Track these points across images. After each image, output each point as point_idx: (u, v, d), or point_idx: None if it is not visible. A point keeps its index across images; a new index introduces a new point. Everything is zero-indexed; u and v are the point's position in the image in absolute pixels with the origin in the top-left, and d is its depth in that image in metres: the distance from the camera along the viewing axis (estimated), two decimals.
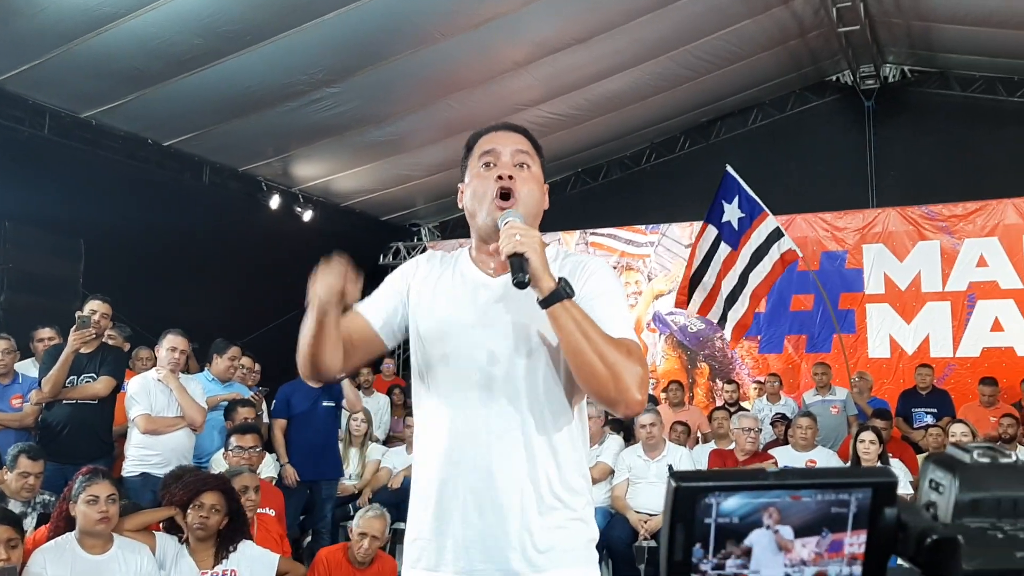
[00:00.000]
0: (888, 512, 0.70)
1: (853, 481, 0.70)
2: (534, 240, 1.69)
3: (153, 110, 7.69)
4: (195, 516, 3.69)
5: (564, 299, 1.67)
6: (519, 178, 1.87)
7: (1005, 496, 0.70)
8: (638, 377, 1.67)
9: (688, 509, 0.68)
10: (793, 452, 6.52)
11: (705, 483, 0.68)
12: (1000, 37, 8.97)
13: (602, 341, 1.66)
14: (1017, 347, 9.25)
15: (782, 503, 0.69)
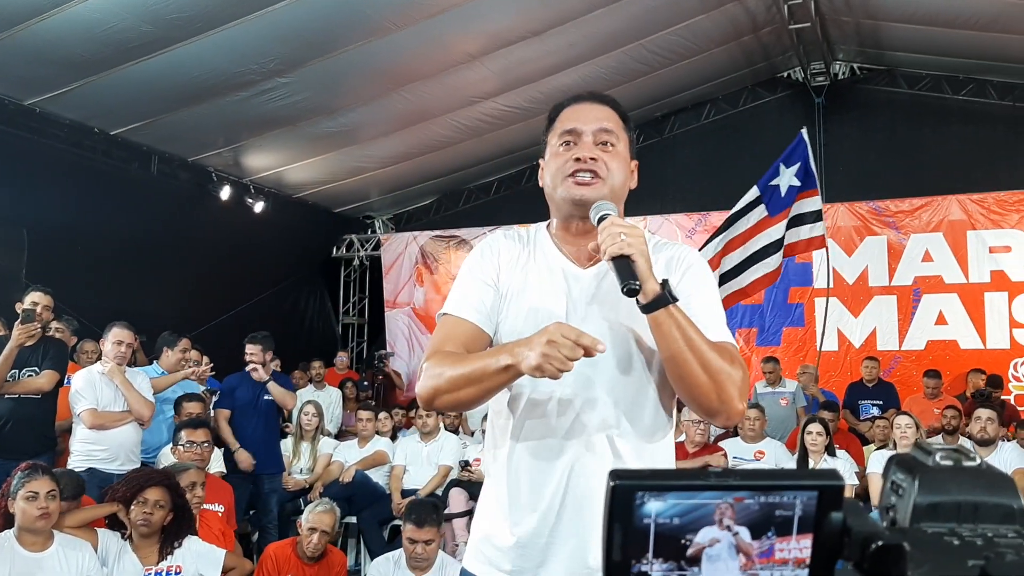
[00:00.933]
0: (834, 516, 0.68)
1: (798, 483, 0.67)
2: (640, 240, 1.55)
3: (99, 98, 7.54)
4: (138, 512, 3.63)
5: (669, 304, 1.53)
6: (604, 158, 1.71)
7: (966, 500, 0.68)
8: (741, 385, 1.57)
9: (625, 509, 0.66)
10: (742, 444, 6.61)
11: (642, 482, 0.66)
12: (947, 36, 9.15)
13: (706, 348, 1.54)
14: (960, 340, 9.46)
15: (725, 506, 0.66)
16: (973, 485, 0.69)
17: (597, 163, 1.69)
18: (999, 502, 0.69)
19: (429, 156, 10.43)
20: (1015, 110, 10.05)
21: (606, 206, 1.65)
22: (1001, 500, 0.69)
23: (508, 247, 1.82)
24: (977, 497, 0.69)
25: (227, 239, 9.77)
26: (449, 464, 6.58)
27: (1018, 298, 9.30)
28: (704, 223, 10.53)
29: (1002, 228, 9.44)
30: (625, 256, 1.52)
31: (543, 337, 1.45)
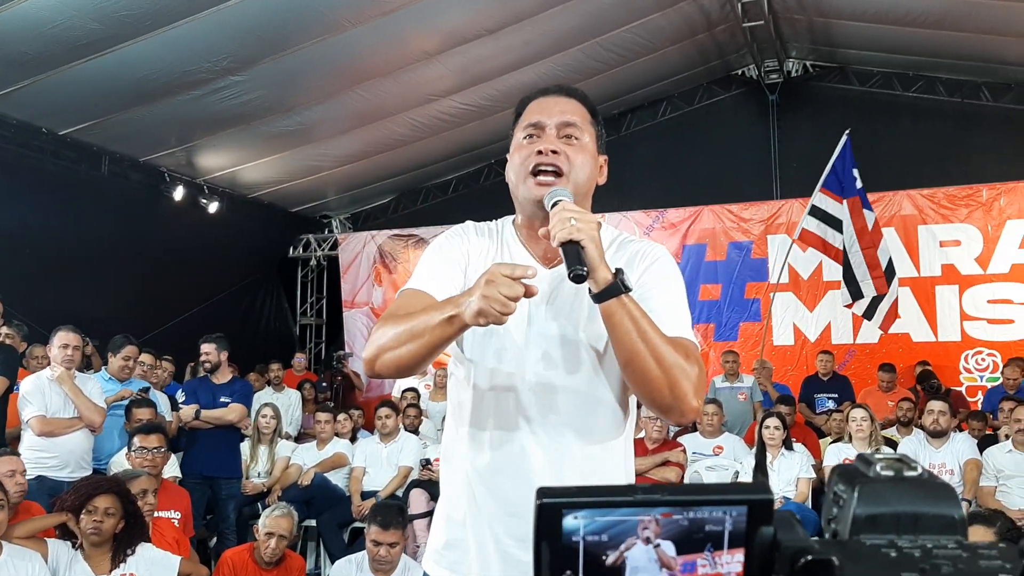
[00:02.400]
0: (764, 531, 0.67)
1: (727, 498, 0.67)
2: (591, 226, 1.50)
3: (47, 97, 7.38)
4: (88, 521, 3.55)
5: (621, 294, 1.49)
6: (567, 151, 1.67)
7: (906, 512, 0.68)
8: (696, 382, 1.52)
9: (553, 527, 0.64)
10: (701, 439, 6.66)
11: (569, 499, 0.65)
12: (896, 34, 9.30)
13: (660, 341, 1.50)
14: (913, 333, 9.61)
15: (655, 521, 0.66)
16: (914, 496, 0.69)
17: (559, 156, 1.66)
18: (940, 512, 0.68)
19: (386, 155, 10.37)
20: (963, 106, 10.25)
21: (560, 192, 1.61)
22: (942, 510, 0.69)
23: (477, 239, 1.80)
24: (917, 508, 0.68)
25: (181, 240, 9.62)
26: (409, 465, 6.54)
27: (968, 291, 9.48)
28: (662, 220, 10.60)
29: (952, 223, 9.61)
30: (575, 242, 1.48)
31: (483, 279, 1.43)
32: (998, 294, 9.39)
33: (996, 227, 9.44)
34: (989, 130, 10.20)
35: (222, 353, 6.14)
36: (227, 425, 6.04)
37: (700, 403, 1.55)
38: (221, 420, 5.94)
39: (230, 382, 6.16)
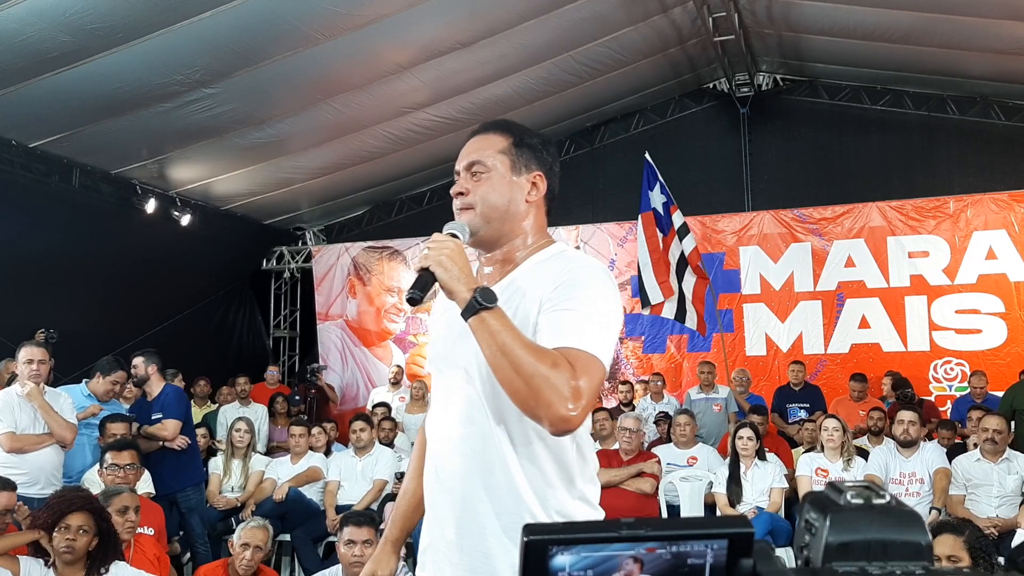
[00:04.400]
0: (744, 563, 0.69)
1: (710, 532, 0.69)
2: (439, 252, 1.66)
3: (17, 110, 7.30)
4: (61, 539, 3.50)
5: (478, 312, 1.59)
6: (471, 187, 1.84)
7: (875, 539, 0.70)
8: (563, 389, 1.54)
9: (539, 564, 0.66)
10: (676, 450, 6.71)
11: (555, 536, 0.66)
12: (864, 48, 9.44)
13: (522, 353, 1.56)
14: (883, 343, 9.74)
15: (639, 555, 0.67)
16: (883, 524, 0.71)
17: (465, 196, 1.84)
18: (908, 539, 0.71)
19: (360, 167, 10.36)
20: (930, 120, 10.41)
21: (451, 226, 1.80)
22: (909, 537, 0.71)
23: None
24: (886, 535, 0.71)
25: (153, 253, 9.54)
26: (384, 478, 6.52)
27: (936, 301, 9.62)
28: (635, 231, 10.64)
29: (920, 234, 9.76)
30: (425, 268, 1.66)
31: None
32: (966, 304, 9.54)
33: (963, 238, 9.60)
34: (955, 143, 10.38)
35: (150, 367, 6.00)
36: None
37: (576, 412, 1.55)
38: (157, 437, 5.84)
39: (159, 395, 6.01)
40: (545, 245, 1.88)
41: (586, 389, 1.57)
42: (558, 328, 1.64)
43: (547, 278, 1.74)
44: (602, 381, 1.67)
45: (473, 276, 1.68)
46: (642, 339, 10.57)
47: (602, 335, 1.66)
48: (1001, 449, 5.67)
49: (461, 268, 1.65)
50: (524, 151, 1.89)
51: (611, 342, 1.69)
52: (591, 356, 1.61)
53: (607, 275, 1.81)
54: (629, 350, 10.64)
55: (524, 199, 1.87)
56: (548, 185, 1.91)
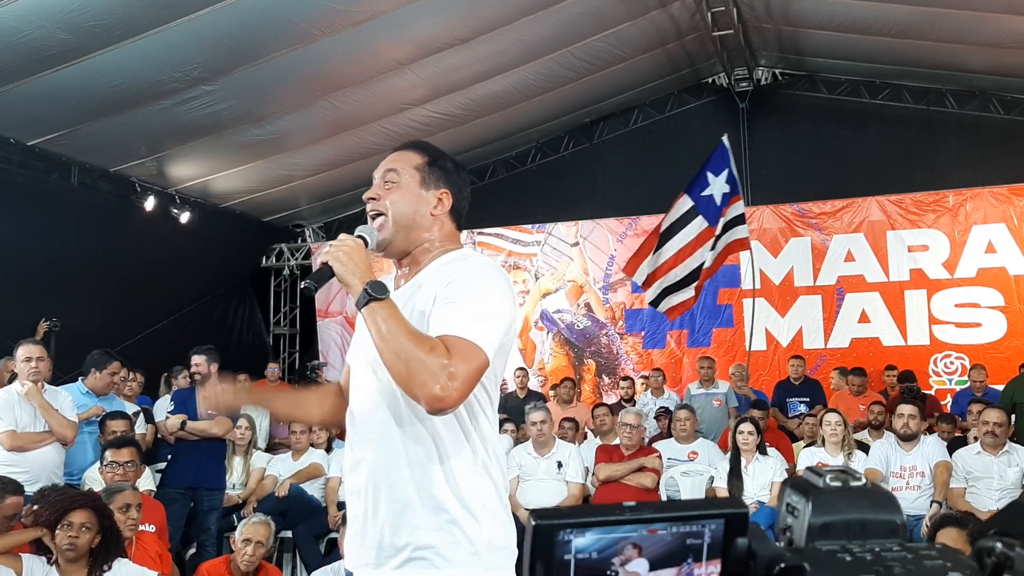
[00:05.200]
0: (739, 542, 0.73)
1: (706, 513, 0.72)
2: (339, 249, 1.85)
3: (16, 108, 7.29)
4: (63, 536, 3.50)
5: (368, 302, 1.77)
6: (382, 194, 2.02)
7: (854, 519, 0.75)
8: (436, 371, 1.68)
9: (546, 547, 0.69)
10: (676, 444, 6.71)
11: (562, 520, 0.69)
12: (863, 43, 9.44)
13: (403, 338, 1.72)
14: (883, 337, 9.74)
15: (639, 537, 0.70)
16: (860, 504, 0.76)
17: (376, 201, 2.03)
18: (884, 519, 0.76)
19: (359, 163, 10.33)
20: (929, 114, 10.41)
21: (361, 229, 1.99)
22: (885, 517, 0.76)
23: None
24: (864, 515, 0.75)
25: (152, 250, 9.54)
26: None
27: (936, 295, 9.62)
28: (635, 227, 10.67)
29: (919, 228, 9.76)
30: (326, 263, 1.86)
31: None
32: (965, 298, 9.54)
33: (963, 232, 9.60)
34: (954, 137, 10.38)
35: (212, 365, 6.08)
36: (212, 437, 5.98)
37: (451, 393, 1.69)
38: (206, 433, 5.89)
39: None
40: (451, 250, 2.03)
41: (461, 372, 1.71)
42: (444, 318, 1.80)
43: (444, 276, 1.90)
44: (481, 368, 1.77)
45: (369, 272, 1.84)
46: (642, 335, 10.57)
47: (484, 325, 1.80)
48: (1001, 442, 5.67)
49: (357, 264, 1.84)
50: (435, 170, 2.05)
51: (494, 333, 1.81)
52: (469, 343, 1.75)
53: (499, 273, 1.98)
54: (629, 345, 10.65)
55: (429, 212, 2.03)
56: (455, 204, 2.06)
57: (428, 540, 1.84)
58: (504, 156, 11.84)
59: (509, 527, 1.93)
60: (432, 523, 1.84)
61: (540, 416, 6.17)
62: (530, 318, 11.08)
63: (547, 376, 10.71)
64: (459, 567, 1.84)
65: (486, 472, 1.90)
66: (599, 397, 10.28)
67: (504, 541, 1.90)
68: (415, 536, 1.84)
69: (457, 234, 2.10)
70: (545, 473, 6.08)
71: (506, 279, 1.97)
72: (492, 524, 1.88)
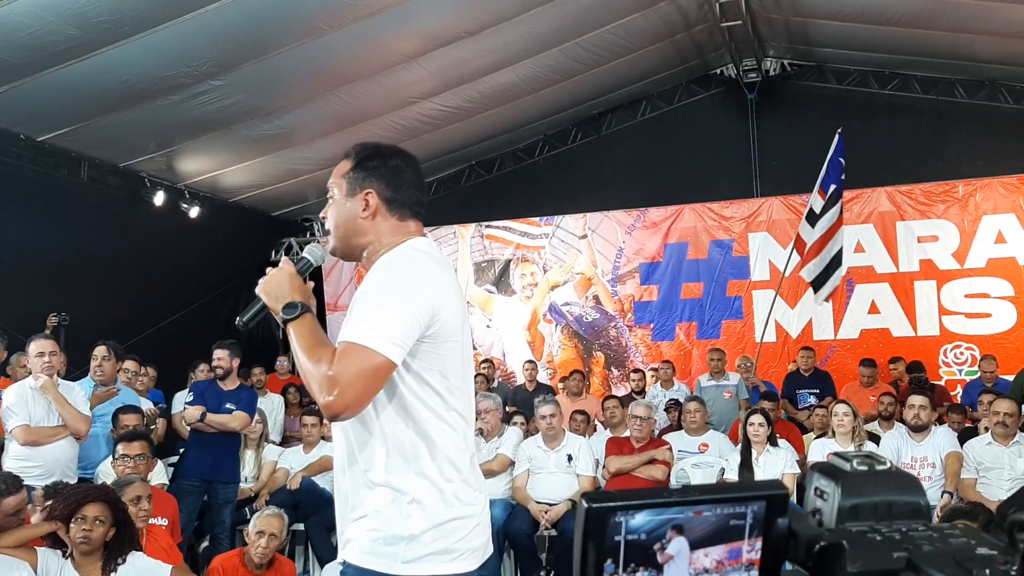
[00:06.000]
0: (780, 522, 0.76)
1: (749, 495, 0.76)
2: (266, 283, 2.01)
3: (25, 104, 7.30)
4: (77, 529, 3.53)
5: (285, 323, 1.93)
6: (325, 211, 2.14)
7: (881, 500, 0.79)
8: (320, 381, 1.79)
9: (599, 528, 0.72)
10: (687, 436, 6.71)
11: (614, 503, 0.72)
12: (872, 33, 9.39)
13: (302, 355, 1.86)
14: (893, 328, 9.72)
15: (684, 518, 0.74)
16: (886, 486, 0.80)
17: (326, 220, 2.15)
18: (909, 500, 0.80)
19: None
20: (939, 104, 10.36)
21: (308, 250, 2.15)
22: (910, 498, 0.80)
23: None
24: (890, 497, 0.79)
25: (162, 245, 9.57)
26: None
27: (946, 286, 9.59)
28: (643, 219, 10.66)
29: (929, 218, 9.73)
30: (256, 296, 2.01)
31: None
32: (975, 288, 9.51)
33: (972, 222, 9.56)
34: (964, 126, 10.33)
35: (234, 360, 6.14)
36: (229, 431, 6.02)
37: (334, 398, 1.77)
38: (224, 426, 5.93)
39: (237, 389, 6.14)
40: (394, 246, 2.05)
41: (341, 377, 1.77)
42: (342, 331, 1.88)
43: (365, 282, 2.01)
44: (376, 368, 1.81)
45: (293, 293, 1.97)
46: (651, 327, 10.57)
47: (378, 324, 1.84)
48: (1012, 432, 5.67)
49: (278, 288, 1.99)
50: (359, 172, 2.10)
51: (393, 327, 1.83)
52: (355, 346, 1.81)
53: (411, 263, 1.99)
54: (638, 338, 10.65)
55: (358, 217, 2.08)
56: (388, 196, 2.08)
57: (350, 533, 1.95)
58: (512, 149, 11.83)
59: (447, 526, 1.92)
60: (352, 516, 1.96)
61: (549, 409, 6.17)
62: (539, 311, 11.09)
63: (556, 369, 10.71)
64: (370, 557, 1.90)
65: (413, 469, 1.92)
66: (608, 389, 10.28)
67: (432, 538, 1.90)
68: (346, 528, 1.98)
69: (403, 225, 2.09)
70: (555, 466, 6.09)
71: (415, 269, 1.98)
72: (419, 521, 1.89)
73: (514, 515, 5.94)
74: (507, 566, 6.04)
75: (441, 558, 1.89)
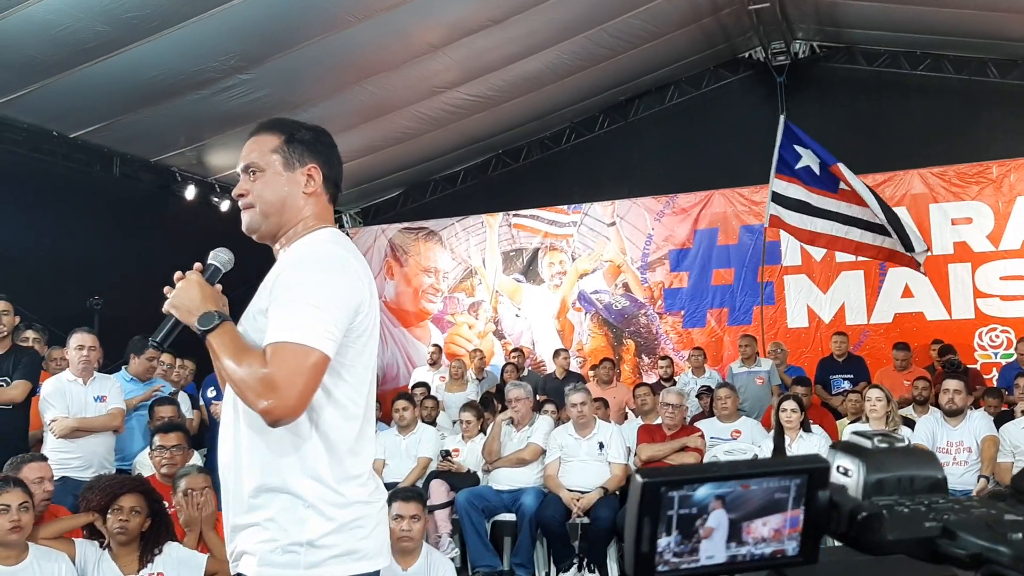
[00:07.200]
0: (821, 494, 0.81)
1: (793, 468, 0.81)
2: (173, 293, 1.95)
3: (57, 101, 7.41)
4: (114, 520, 3.58)
5: (202, 335, 1.84)
6: (249, 187, 2.01)
7: (904, 475, 0.84)
8: (255, 385, 1.71)
9: (653, 504, 0.76)
10: (719, 423, 6.68)
11: (669, 478, 0.77)
12: (903, 12, 9.25)
13: (229, 363, 1.77)
14: (927, 312, 9.61)
15: (735, 493, 0.78)
16: (907, 462, 0.85)
17: (244, 196, 2.02)
18: (928, 474, 0.85)
19: (394, 148, 10.38)
20: (971, 84, 10.19)
21: (213, 255, 2.11)
22: (929, 473, 0.85)
23: None
24: (912, 471, 0.84)
25: (194, 239, 9.54)
26: (428, 456, 6.57)
27: (981, 268, 9.46)
28: (672, 205, 10.60)
29: (963, 200, 9.59)
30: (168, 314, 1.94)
31: None
32: (1010, 270, 9.38)
33: (1007, 204, 9.42)
34: (997, 107, 10.15)
35: None
36: None
37: (275, 400, 1.70)
38: None
39: None
40: (313, 230, 1.99)
41: (278, 377, 1.70)
42: (269, 328, 1.79)
43: (278, 267, 1.93)
44: (314, 364, 1.74)
45: (206, 302, 1.89)
46: (681, 313, 10.52)
47: (304, 321, 1.76)
48: None
49: (190, 301, 1.91)
50: (296, 146, 2.02)
51: (320, 322, 1.77)
52: (291, 345, 1.73)
53: (327, 259, 1.91)
54: (668, 325, 10.61)
55: (301, 192, 2.00)
56: (325, 174, 2.04)
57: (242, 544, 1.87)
58: (538, 137, 11.80)
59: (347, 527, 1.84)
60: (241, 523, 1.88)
61: (580, 397, 6.16)
62: (567, 299, 11.07)
63: (586, 357, 10.70)
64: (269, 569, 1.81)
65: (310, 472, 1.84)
66: (639, 377, 10.25)
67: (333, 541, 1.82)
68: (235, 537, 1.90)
69: (329, 209, 2.07)
70: (587, 454, 6.08)
71: (339, 259, 1.91)
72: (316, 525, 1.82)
73: (546, 503, 5.95)
74: (540, 554, 6.05)
75: (345, 559, 1.82)
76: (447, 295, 11.53)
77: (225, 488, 1.91)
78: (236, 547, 1.87)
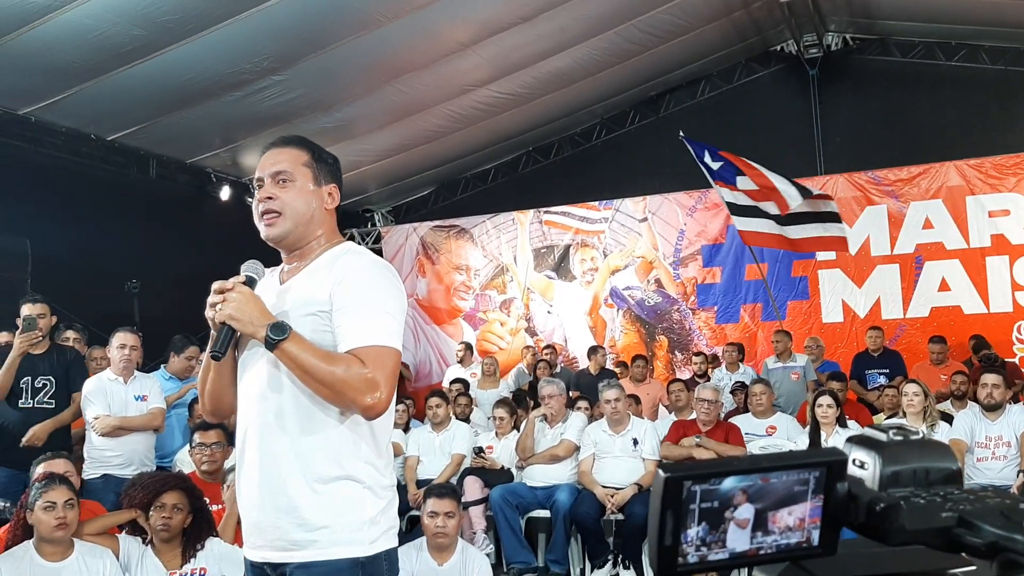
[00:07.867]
0: (840, 486, 0.83)
1: (812, 461, 0.82)
2: (230, 305, 1.98)
3: (94, 104, 7.55)
4: (157, 517, 3.65)
5: (274, 346, 1.91)
6: (278, 193, 2.10)
7: (919, 467, 0.85)
8: (359, 384, 1.89)
9: (676, 498, 0.78)
10: (754, 420, 6.64)
11: (691, 472, 0.79)
12: (936, 2, 9.14)
13: (319, 366, 1.90)
14: (964, 306, 9.48)
15: (756, 486, 0.80)
16: (921, 454, 0.86)
17: (273, 200, 2.09)
18: (943, 466, 0.86)
19: (425, 147, 10.43)
20: (1007, 74, 10.03)
21: (247, 267, 2.12)
22: (945, 464, 0.86)
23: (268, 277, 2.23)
24: (927, 464, 0.86)
25: (229, 239, 9.70)
26: (462, 452, 6.61)
27: (1019, 261, 9.31)
28: (705, 200, 10.54)
29: (1000, 192, 9.44)
30: (223, 324, 1.99)
31: None
32: None
33: None
34: None
35: None
36: None
37: (377, 398, 1.91)
38: None
39: None
40: (337, 243, 2.17)
41: (381, 378, 1.92)
42: (350, 332, 1.96)
43: (334, 272, 2.04)
44: (396, 362, 1.98)
45: (265, 314, 1.97)
46: (715, 309, 10.47)
47: (387, 326, 1.99)
48: None
49: (251, 312, 1.96)
50: (322, 165, 2.18)
51: (397, 328, 2.02)
52: (379, 348, 1.95)
53: (388, 270, 2.13)
54: (702, 321, 10.56)
55: (323, 207, 2.16)
56: (339, 196, 2.21)
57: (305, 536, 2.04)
58: (569, 133, 11.79)
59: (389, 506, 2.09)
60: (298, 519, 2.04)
61: (614, 394, 6.16)
62: (599, 296, 11.06)
63: (618, 353, 10.68)
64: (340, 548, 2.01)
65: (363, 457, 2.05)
66: (672, 373, 10.22)
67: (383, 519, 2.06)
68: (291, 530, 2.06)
69: (337, 227, 2.23)
70: (621, 450, 6.07)
71: (393, 273, 2.13)
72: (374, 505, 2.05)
73: (580, 500, 5.96)
74: (574, 550, 6.06)
75: (389, 535, 2.07)
76: (479, 292, 11.56)
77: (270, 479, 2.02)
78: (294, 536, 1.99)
